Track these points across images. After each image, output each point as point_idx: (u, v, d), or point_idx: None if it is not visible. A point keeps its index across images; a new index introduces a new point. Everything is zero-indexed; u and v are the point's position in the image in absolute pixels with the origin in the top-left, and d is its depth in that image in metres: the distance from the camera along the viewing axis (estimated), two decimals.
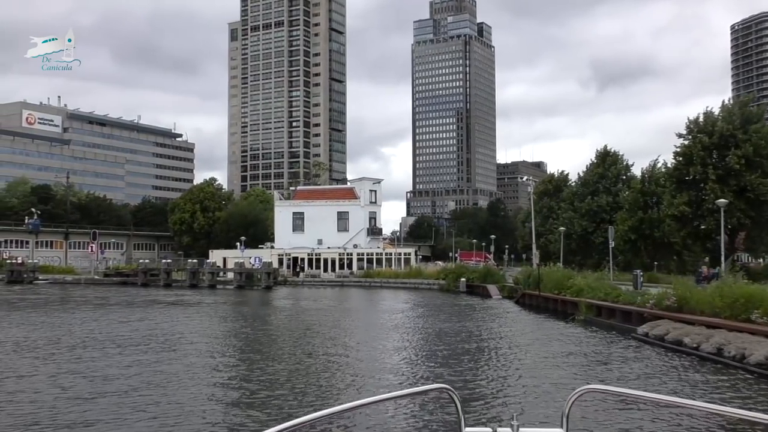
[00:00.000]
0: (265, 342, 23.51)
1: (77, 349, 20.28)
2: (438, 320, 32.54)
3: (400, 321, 32.55)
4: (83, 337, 23.27)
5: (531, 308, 37.46)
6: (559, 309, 33.51)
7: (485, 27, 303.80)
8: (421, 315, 36.41)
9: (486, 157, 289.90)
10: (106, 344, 21.69)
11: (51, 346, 20.95)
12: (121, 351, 20.28)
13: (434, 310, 39.56)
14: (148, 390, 14.54)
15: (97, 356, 19.21)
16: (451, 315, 35.91)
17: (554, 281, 35.63)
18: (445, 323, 30.90)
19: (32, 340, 22.38)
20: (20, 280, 74.10)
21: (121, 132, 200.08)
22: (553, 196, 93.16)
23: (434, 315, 35.90)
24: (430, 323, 31.19)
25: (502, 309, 38.93)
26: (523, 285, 42.32)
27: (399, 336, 25.67)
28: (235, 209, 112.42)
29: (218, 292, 60.19)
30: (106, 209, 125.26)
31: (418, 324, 31.27)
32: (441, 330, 27.80)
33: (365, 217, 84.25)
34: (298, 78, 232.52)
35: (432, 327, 29.10)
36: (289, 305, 44.86)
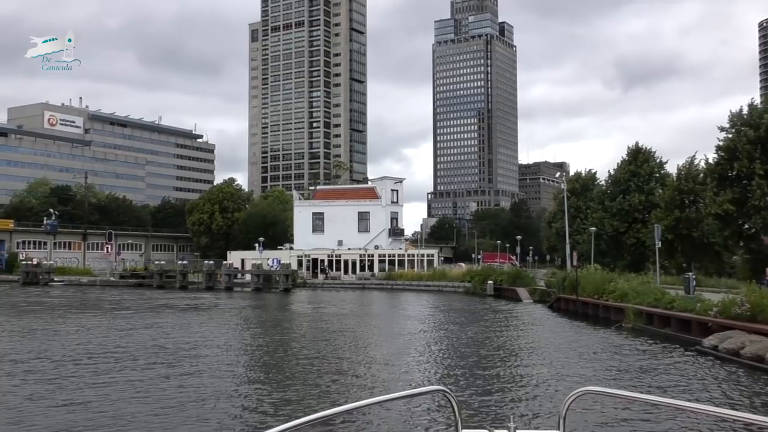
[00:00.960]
0: (283, 358, 20.96)
1: (61, 365, 17.94)
2: (467, 328, 30.00)
3: (426, 329, 30.07)
4: (75, 350, 20.99)
5: (567, 314, 34.67)
6: (600, 315, 30.79)
7: (507, 26, 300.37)
8: (448, 322, 33.82)
9: (508, 158, 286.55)
10: (99, 359, 19.39)
11: (35, 361, 18.69)
12: (112, 367, 17.91)
13: (462, 316, 37.03)
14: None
15: (84, 374, 16.88)
16: (480, 321, 33.37)
17: (593, 285, 32.80)
18: (475, 331, 28.39)
19: (17, 352, 20.17)
20: (36, 282, 72.81)
21: (141, 133, 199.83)
22: (580, 195, 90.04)
23: (462, 322, 33.34)
24: (458, 332, 28.62)
25: (536, 315, 36.19)
26: (557, 288, 39.50)
27: (427, 348, 23.11)
28: (254, 210, 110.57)
29: (235, 295, 58.08)
30: (125, 210, 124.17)
31: (445, 333, 28.71)
32: (472, 340, 25.28)
33: (387, 218, 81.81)
34: (318, 78, 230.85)
35: (461, 337, 26.55)
36: (308, 310, 42.51)
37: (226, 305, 44.31)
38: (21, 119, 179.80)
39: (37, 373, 16.79)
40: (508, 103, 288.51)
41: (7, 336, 24.86)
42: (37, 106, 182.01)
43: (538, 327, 30.12)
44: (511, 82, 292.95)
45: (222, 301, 48.06)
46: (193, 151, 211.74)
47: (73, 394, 14.38)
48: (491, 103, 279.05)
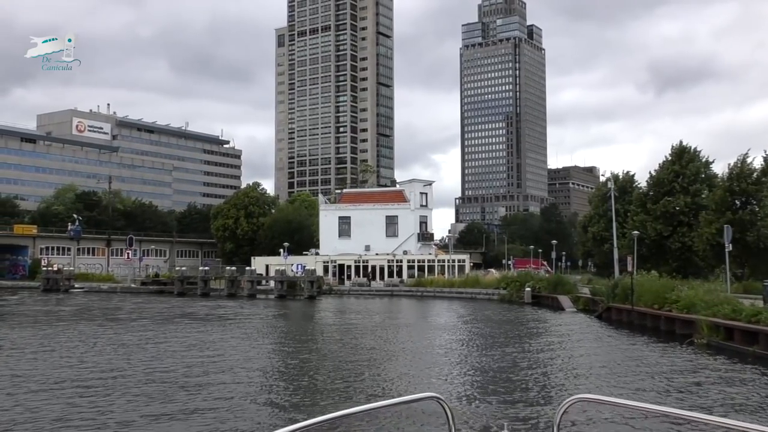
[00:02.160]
0: (308, 389, 17.93)
1: (32, 396, 15.17)
2: (508, 342, 26.84)
3: (461, 345, 26.92)
4: (62, 372, 18.31)
5: (621, 326, 31.16)
6: (662, 328, 27.34)
7: (535, 29, 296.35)
8: (486, 335, 30.53)
9: (537, 162, 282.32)
10: (91, 383, 16.67)
11: (10, 387, 15.96)
12: (99, 397, 15.12)
13: (500, 327, 33.86)
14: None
15: (62, 405, 14.09)
16: (523, 334, 30.20)
17: (652, 293, 29.29)
18: (519, 347, 25.26)
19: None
20: (56, 289, 71.07)
21: (169, 139, 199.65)
22: (618, 198, 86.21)
23: (501, 335, 30.12)
24: (499, 347, 25.39)
25: (583, 326, 32.77)
26: (606, 297, 35.97)
27: (465, 371, 19.83)
28: (280, 215, 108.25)
29: (258, 302, 55.39)
30: (151, 216, 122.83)
31: (484, 350, 25.40)
32: (518, 358, 22.08)
33: (415, 222, 78.71)
34: (345, 83, 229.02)
35: (504, 354, 23.32)
36: (334, 321, 39.57)
37: (246, 315, 41.54)
38: (50, 126, 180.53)
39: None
40: (537, 107, 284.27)
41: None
42: (66, 113, 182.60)
43: (590, 341, 26.69)
44: (539, 86, 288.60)
45: (243, 310, 45.34)
46: (220, 156, 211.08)
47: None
48: (520, 107, 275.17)
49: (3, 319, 37.90)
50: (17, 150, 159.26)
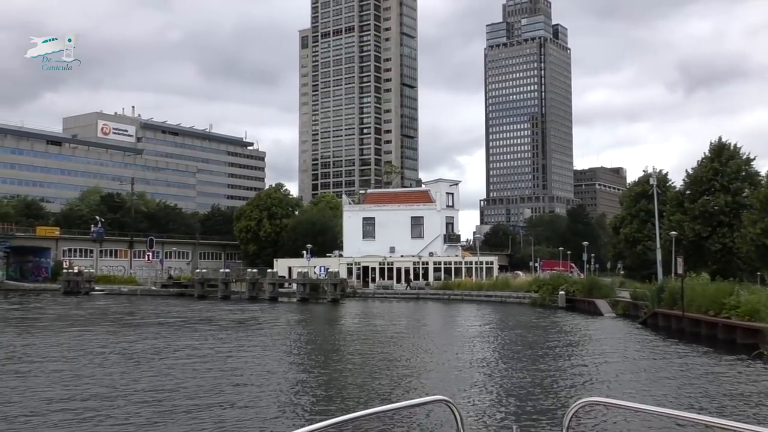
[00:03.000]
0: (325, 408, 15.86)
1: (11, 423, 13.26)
2: (545, 354, 24.52)
3: (494, 355, 24.73)
4: (51, 391, 16.41)
5: (669, 333, 28.59)
6: (719, 337, 24.88)
7: (560, 29, 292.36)
8: (520, 344, 28.04)
9: (562, 163, 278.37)
10: (82, 405, 14.76)
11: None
12: (85, 425, 13.18)
13: (535, 334, 31.63)
14: None
15: None
16: (560, 343, 27.91)
17: (706, 298, 26.81)
18: (557, 359, 23.01)
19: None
20: (76, 291, 70.07)
21: (193, 141, 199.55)
22: (651, 198, 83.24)
23: (538, 344, 27.74)
24: (535, 360, 23.04)
25: (628, 334, 30.25)
26: (651, 301, 33.45)
27: (498, 391, 17.43)
28: (304, 216, 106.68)
29: (279, 306, 53.57)
30: (174, 218, 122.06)
31: (518, 362, 23.24)
32: (555, 377, 19.91)
33: (441, 223, 76.52)
34: (368, 84, 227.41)
35: (548, 368, 21.16)
36: (359, 328, 37.52)
37: (267, 320, 39.59)
38: (75, 128, 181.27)
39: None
40: (562, 107, 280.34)
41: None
42: (91, 116, 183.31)
43: (637, 351, 24.26)
44: (565, 86, 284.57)
45: (263, 315, 43.48)
46: (244, 158, 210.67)
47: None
48: (545, 108, 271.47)
49: (13, 324, 36.54)
50: (43, 152, 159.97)
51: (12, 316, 41.33)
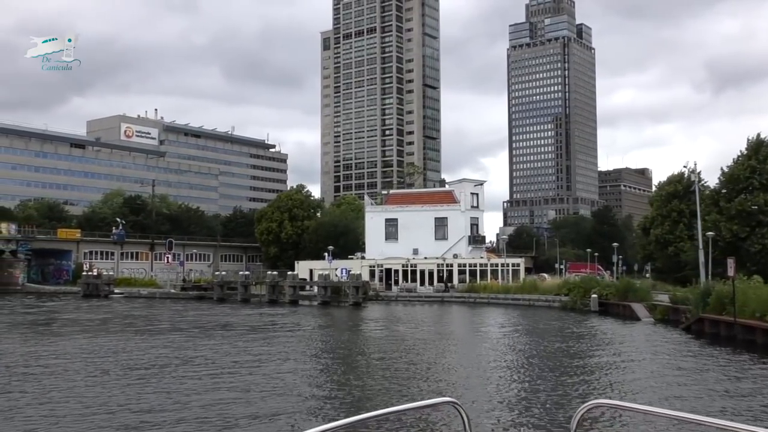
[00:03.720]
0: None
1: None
2: (585, 365, 22.59)
3: (527, 369, 22.79)
4: (33, 407, 14.88)
5: (717, 341, 26.42)
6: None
7: (584, 28, 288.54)
8: (555, 355, 25.99)
9: (587, 164, 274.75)
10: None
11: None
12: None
13: (570, 343, 29.61)
14: None
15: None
16: (601, 351, 25.94)
17: (762, 303, 24.60)
18: (599, 371, 21.09)
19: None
20: (96, 294, 69.24)
21: (215, 143, 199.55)
22: (683, 197, 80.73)
23: (576, 354, 25.69)
24: (574, 373, 21.19)
25: (672, 342, 28.01)
26: (695, 306, 31.21)
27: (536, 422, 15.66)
28: (325, 218, 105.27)
29: (300, 309, 51.97)
30: (196, 220, 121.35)
31: (557, 375, 21.37)
32: (599, 393, 18.01)
33: (466, 224, 74.48)
34: (390, 85, 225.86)
35: (591, 380, 19.30)
36: (381, 334, 35.82)
37: (286, 326, 37.87)
38: (99, 131, 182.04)
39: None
40: (586, 108, 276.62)
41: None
42: (114, 119, 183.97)
43: (687, 362, 22.18)
44: (589, 86, 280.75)
45: (283, 320, 41.81)
46: (266, 161, 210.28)
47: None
48: (569, 108, 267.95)
49: (22, 329, 35.39)
50: (67, 155, 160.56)
51: (23, 321, 40.27)
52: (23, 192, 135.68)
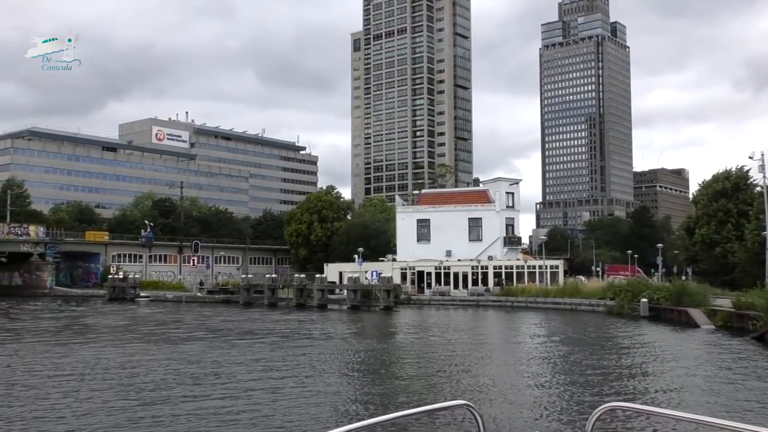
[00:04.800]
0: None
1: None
2: (652, 383, 19.79)
3: (589, 383, 20.04)
4: None
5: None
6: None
7: (619, 27, 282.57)
8: (612, 372, 23.18)
9: (621, 165, 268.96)
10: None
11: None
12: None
13: (622, 351, 26.74)
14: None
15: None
16: (668, 365, 23.02)
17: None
18: (684, 394, 18.26)
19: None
20: (122, 298, 67.80)
21: (246, 146, 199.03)
22: (731, 196, 76.84)
23: (638, 373, 22.75)
24: (652, 391, 18.38)
25: (745, 353, 24.89)
26: (766, 312, 27.91)
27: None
28: (356, 219, 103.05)
29: (328, 315, 49.52)
30: (225, 222, 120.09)
31: (616, 390, 18.59)
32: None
33: (501, 224, 71.50)
34: (421, 85, 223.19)
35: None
36: (413, 340, 33.31)
37: (313, 333, 35.37)
38: (131, 135, 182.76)
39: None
40: (621, 108, 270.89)
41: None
42: (146, 122, 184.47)
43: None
44: (624, 85, 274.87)
45: (311, 327, 39.29)
46: (297, 163, 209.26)
47: None
48: (603, 108, 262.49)
49: (32, 334, 33.59)
50: (99, 159, 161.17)
51: (35, 327, 38.52)
52: (56, 195, 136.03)
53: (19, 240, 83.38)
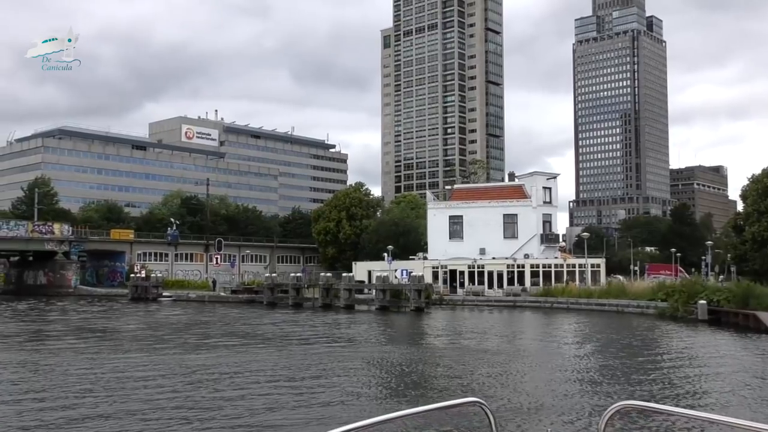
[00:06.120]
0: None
1: None
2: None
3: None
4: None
5: None
6: None
7: (655, 21, 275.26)
8: (687, 378, 19.98)
9: (657, 162, 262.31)
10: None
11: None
12: None
13: (695, 364, 23.35)
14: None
15: None
16: (747, 378, 19.70)
17: None
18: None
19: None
20: (144, 297, 65.74)
21: (275, 144, 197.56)
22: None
23: (715, 381, 19.57)
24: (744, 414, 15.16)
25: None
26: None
27: None
28: (386, 217, 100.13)
29: (356, 316, 46.41)
30: (253, 221, 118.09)
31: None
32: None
33: (538, 221, 67.88)
34: (452, 82, 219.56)
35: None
36: (444, 345, 30.24)
37: (339, 339, 32.17)
38: (160, 133, 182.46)
39: None
40: (657, 104, 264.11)
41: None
42: (175, 120, 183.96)
43: None
44: (660, 81, 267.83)
45: (336, 331, 36.13)
46: (326, 161, 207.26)
47: None
48: (638, 104, 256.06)
49: (42, 339, 31.26)
50: (128, 157, 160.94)
51: (49, 329, 36.30)
52: (86, 194, 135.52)
53: (43, 238, 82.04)
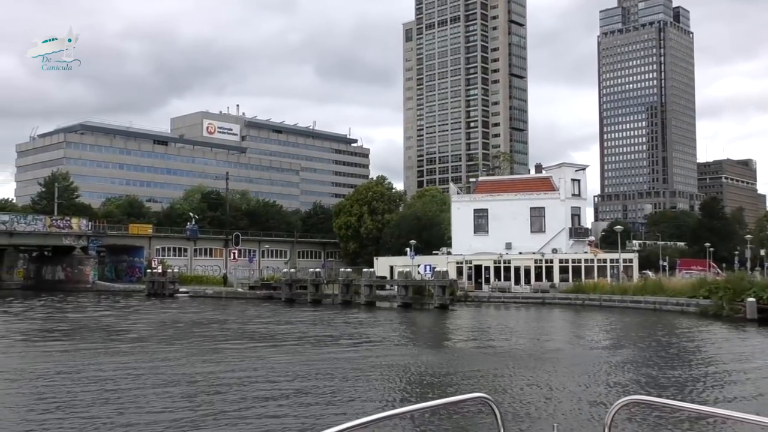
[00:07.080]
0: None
1: None
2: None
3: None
4: None
5: None
6: None
7: (682, 11, 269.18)
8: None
9: (685, 156, 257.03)
10: None
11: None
12: None
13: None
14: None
15: None
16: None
17: None
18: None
19: None
20: (161, 293, 64.25)
21: (296, 139, 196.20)
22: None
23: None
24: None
25: None
26: None
27: None
28: (408, 211, 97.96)
29: (376, 314, 44.14)
30: (274, 215, 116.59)
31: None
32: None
33: (566, 214, 65.18)
34: (475, 75, 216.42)
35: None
36: (470, 346, 27.98)
37: (358, 341, 29.85)
38: (182, 128, 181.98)
39: None
40: (684, 96, 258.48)
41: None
42: (197, 115, 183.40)
43: None
44: (688, 73, 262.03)
45: (357, 331, 33.91)
46: (348, 156, 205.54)
47: None
48: (665, 97, 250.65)
49: (44, 339, 29.59)
50: (150, 152, 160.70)
51: (46, 327, 34.70)
52: (108, 189, 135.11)
53: (61, 233, 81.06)
